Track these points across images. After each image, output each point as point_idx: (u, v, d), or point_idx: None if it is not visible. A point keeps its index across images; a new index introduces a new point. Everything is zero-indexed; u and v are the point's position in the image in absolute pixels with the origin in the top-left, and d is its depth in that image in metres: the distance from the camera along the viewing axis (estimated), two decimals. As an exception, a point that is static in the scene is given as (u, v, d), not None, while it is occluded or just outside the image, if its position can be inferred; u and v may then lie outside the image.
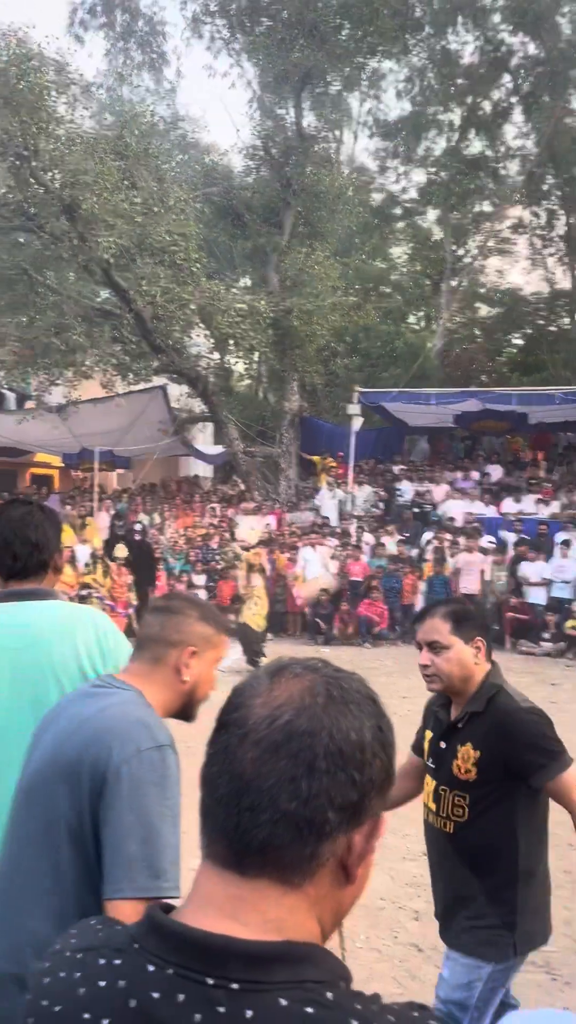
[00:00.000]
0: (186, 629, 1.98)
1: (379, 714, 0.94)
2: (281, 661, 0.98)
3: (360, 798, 0.89)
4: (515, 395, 18.50)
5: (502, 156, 27.31)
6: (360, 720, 0.91)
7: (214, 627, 2.04)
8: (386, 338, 25.36)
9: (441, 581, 14.32)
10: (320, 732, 0.88)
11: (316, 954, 0.86)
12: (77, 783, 1.68)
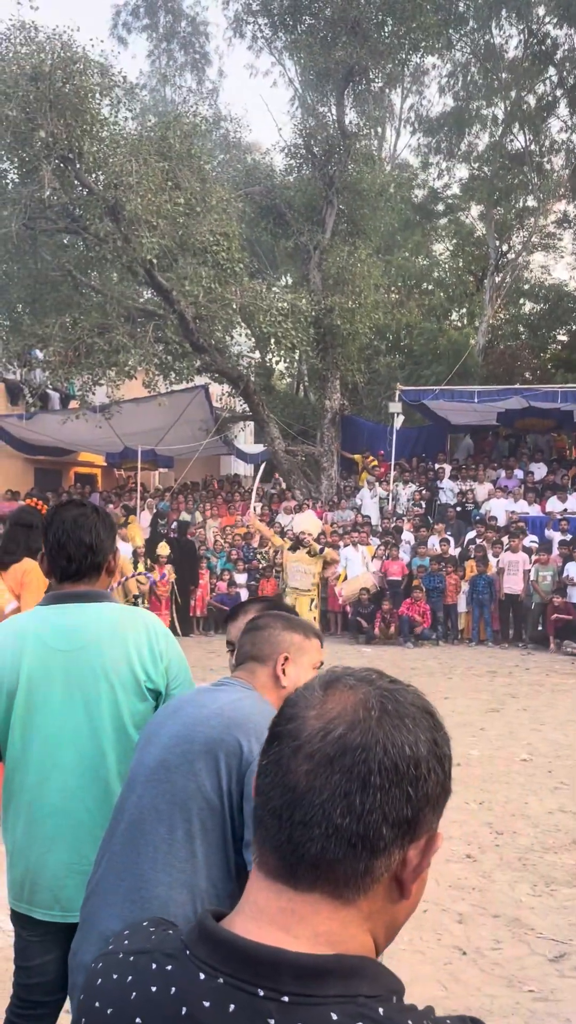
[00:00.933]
0: (275, 639, 2.13)
1: (435, 727, 0.93)
2: (335, 672, 0.97)
3: (415, 814, 0.88)
4: (560, 392, 18.26)
5: (546, 150, 26.96)
6: (415, 734, 0.90)
7: (302, 633, 2.16)
8: (428, 335, 25.19)
9: (485, 581, 14.20)
10: (374, 747, 0.87)
11: (369, 968, 0.85)
12: (215, 762, 1.84)
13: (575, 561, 14.10)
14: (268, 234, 20.28)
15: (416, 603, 13.99)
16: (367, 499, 18.35)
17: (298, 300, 16.97)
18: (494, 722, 8.67)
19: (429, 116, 28.45)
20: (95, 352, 15.41)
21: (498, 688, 10.53)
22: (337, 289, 18.34)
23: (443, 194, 29.84)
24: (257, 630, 2.16)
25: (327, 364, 19.48)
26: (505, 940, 4.34)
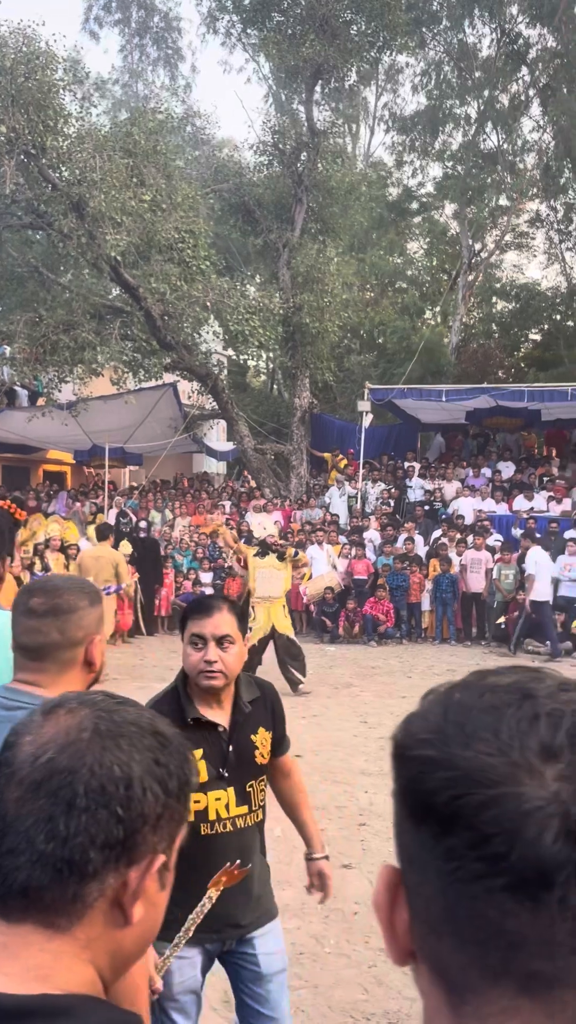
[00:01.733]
0: (86, 622, 1.92)
1: (160, 747, 0.91)
2: (63, 697, 0.96)
3: (129, 835, 0.86)
4: (527, 391, 18.34)
5: (519, 150, 27.08)
6: (129, 754, 0.88)
7: (100, 602, 2.00)
8: (402, 334, 25.27)
9: (448, 580, 14.24)
10: (81, 768, 0.85)
11: (79, 1007, 0.80)
12: None
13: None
14: (237, 231, 20.23)
15: (380, 602, 14.01)
16: (336, 498, 18.36)
17: (266, 298, 16.94)
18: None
19: (403, 114, 28.51)
20: (60, 349, 15.32)
21: (456, 687, 10.55)
22: (306, 287, 18.33)
23: (417, 192, 29.93)
24: (61, 612, 1.91)
25: (296, 362, 19.47)
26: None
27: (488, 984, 0.56)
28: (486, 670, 0.67)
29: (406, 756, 0.62)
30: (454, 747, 0.59)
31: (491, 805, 0.56)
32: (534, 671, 0.66)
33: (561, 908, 0.54)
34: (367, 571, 14.86)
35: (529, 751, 0.57)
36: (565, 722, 0.59)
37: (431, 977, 0.61)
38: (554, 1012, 0.55)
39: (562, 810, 0.55)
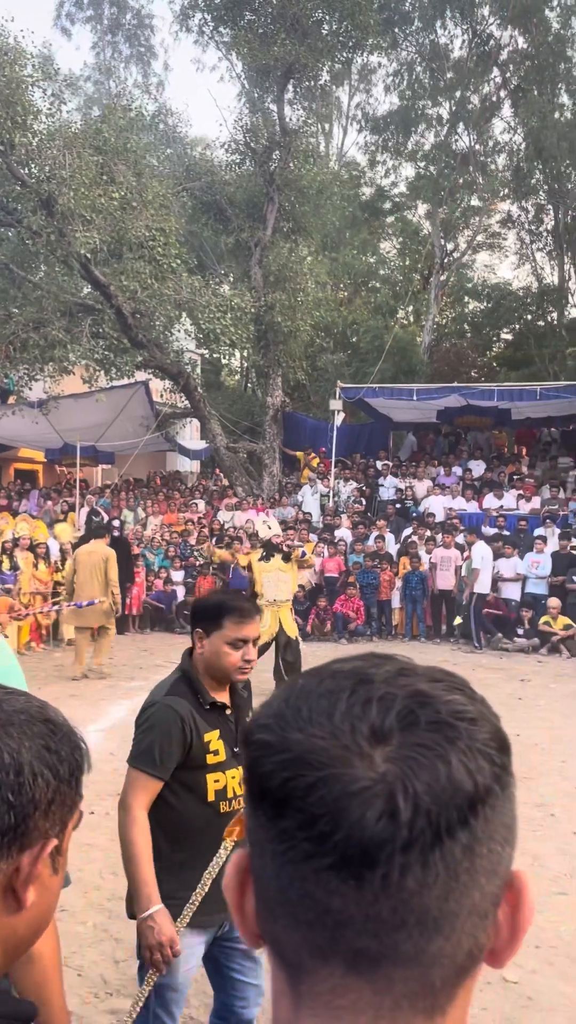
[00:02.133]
0: None
1: (51, 733, 0.93)
2: None
3: (20, 820, 0.88)
4: (497, 391, 18.50)
5: (490, 151, 27.25)
6: (18, 741, 0.90)
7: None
8: (375, 333, 25.35)
9: (418, 577, 14.33)
10: None
11: None
12: None
13: (505, 557, 14.30)
14: (209, 230, 20.21)
15: (350, 600, 14.07)
16: (308, 496, 18.41)
17: (237, 297, 16.94)
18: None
19: (376, 115, 28.61)
20: (31, 347, 15.24)
21: (424, 684, 10.61)
22: (278, 286, 18.34)
23: (390, 192, 30.03)
24: None
25: (269, 361, 19.49)
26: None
27: (319, 963, 0.58)
28: (340, 657, 0.69)
29: (248, 741, 0.63)
30: (289, 731, 0.60)
31: (319, 786, 0.57)
32: (382, 658, 0.67)
33: (384, 886, 0.55)
34: (339, 569, 14.92)
35: (359, 734, 0.58)
36: (396, 705, 0.60)
37: (274, 958, 0.62)
38: (381, 989, 0.57)
39: (387, 790, 0.56)
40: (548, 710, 9.31)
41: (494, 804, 0.58)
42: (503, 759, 0.61)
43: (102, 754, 7.46)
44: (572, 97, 25.91)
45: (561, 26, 25.22)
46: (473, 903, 0.57)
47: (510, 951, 0.62)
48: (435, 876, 0.55)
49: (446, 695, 0.61)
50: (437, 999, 0.57)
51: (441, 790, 0.56)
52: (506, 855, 0.60)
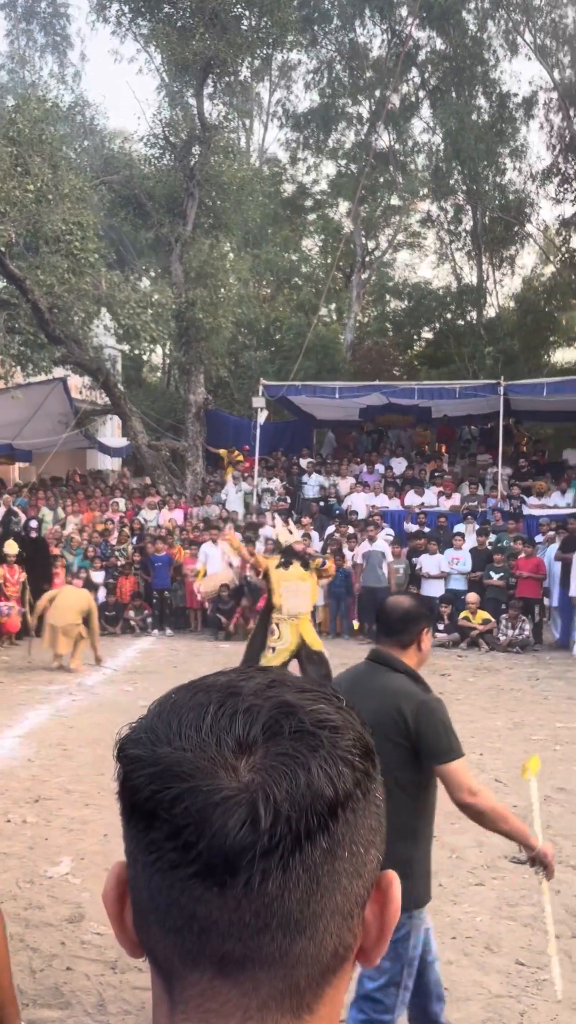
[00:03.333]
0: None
1: None
2: None
3: None
4: (417, 389, 18.76)
5: (410, 150, 27.61)
6: None
7: None
8: (298, 330, 25.42)
9: (341, 575, 14.40)
10: None
11: None
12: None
13: (429, 553, 14.50)
14: (128, 224, 19.94)
15: (274, 597, 14.05)
16: (232, 494, 18.34)
17: (158, 292, 16.77)
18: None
19: (296, 111, 28.68)
20: (-58, 342, 14.80)
21: (347, 680, 10.68)
22: (199, 282, 18.22)
23: (311, 190, 30.16)
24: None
25: (191, 358, 19.35)
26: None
27: (189, 968, 0.59)
28: (219, 671, 0.69)
29: (119, 756, 0.64)
30: (159, 745, 0.61)
31: (184, 798, 0.58)
32: (259, 671, 0.68)
33: (246, 891, 0.57)
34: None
35: (225, 746, 0.60)
36: (262, 717, 0.61)
37: (151, 966, 0.64)
38: (248, 991, 0.58)
39: (249, 799, 0.57)
40: (467, 704, 9.48)
41: (356, 808, 0.61)
42: (366, 765, 0.63)
43: (19, 760, 7.29)
44: (489, 100, 26.46)
45: (478, 29, 25.71)
46: (336, 904, 0.60)
47: (379, 949, 0.65)
48: (296, 880, 0.57)
49: (311, 705, 0.63)
50: (304, 998, 0.60)
51: (301, 797, 0.58)
52: (371, 857, 0.63)
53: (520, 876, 4.96)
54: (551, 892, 4.74)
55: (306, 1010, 0.60)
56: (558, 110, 26.16)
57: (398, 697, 2.77)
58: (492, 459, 18.30)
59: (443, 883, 4.85)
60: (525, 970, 3.98)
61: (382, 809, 0.65)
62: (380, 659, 2.91)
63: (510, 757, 7.35)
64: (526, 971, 3.97)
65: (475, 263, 28.64)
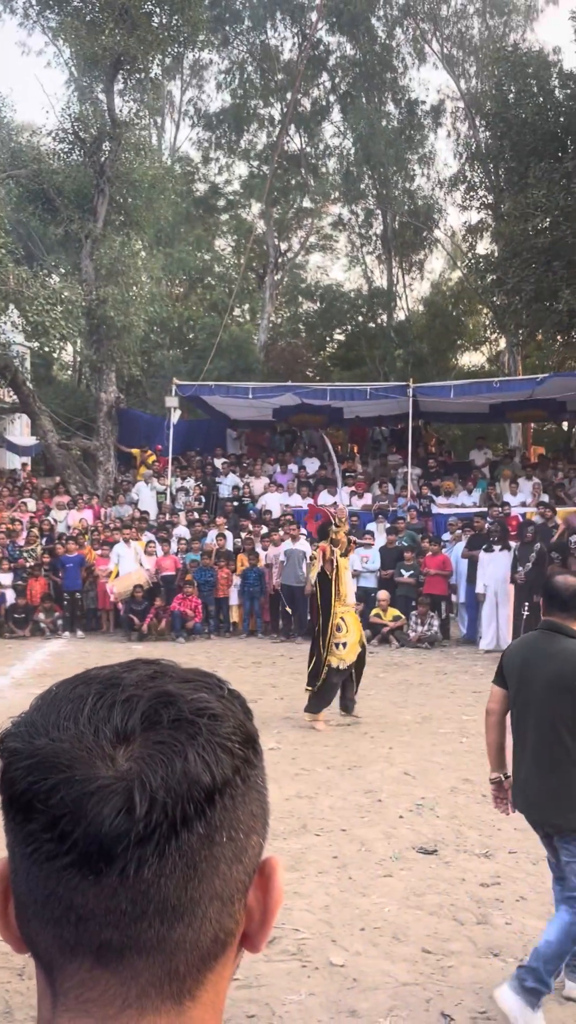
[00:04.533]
0: None
1: None
2: None
3: None
4: (329, 390, 18.95)
5: (321, 154, 27.86)
6: None
7: None
8: (211, 330, 25.36)
9: (255, 574, 14.45)
10: None
11: None
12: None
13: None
14: (37, 219, 19.53)
15: (187, 598, 14.01)
16: (144, 493, 18.16)
17: (67, 289, 16.48)
18: (250, 713, 8.82)
19: (208, 111, 28.61)
20: None
21: (260, 679, 10.76)
22: (110, 280, 17.99)
23: (224, 190, 30.13)
24: None
25: (102, 356, 19.08)
26: (220, 931, 4.38)
27: (68, 959, 0.59)
28: (106, 665, 0.70)
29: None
30: (37, 737, 0.61)
31: (60, 788, 0.58)
32: (143, 663, 0.69)
33: (122, 879, 0.57)
34: (175, 567, 14.83)
35: (103, 736, 0.60)
36: (141, 706, 0.62)
37: (34, 960, 0.63)
38: (127, 978, 0.59)
39: (125, 788, 0.58)
40: (377, 699, 9.64)
41: (235, 795, 0.62)
42: (246, 752, 0.64)
43: None
44: (398, 107, 26.93)
45: (387, 36, 26.13)
46: (215, 890, 0.60)
47: (263, 934, 0.65)
48: (173, 866, 0.58)
49: (192, 694, 0.64)
50: (184, 984, 0.60)
51: (177, 784, 0.58)
52: (253, 843, 0.63)
53: (427, 866, 5.09)
54: (457, 881, 4.90)
55: (187, 996, 0.60)
56: (464, 119, 26.82)
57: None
58: (402, 459, 18.63)
59: (352, 876, 4.94)
60: (431, 957, 4.08)
61: (265, 796, 0.66)
62: (555, 628, 3.57)
63: (419, 751, 7.52)
64: (432, 959, 4.07)
65: (385, 267, 29.12)
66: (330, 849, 5.34)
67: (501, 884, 4.84)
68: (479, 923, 4.41)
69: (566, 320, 18.27)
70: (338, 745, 7.69)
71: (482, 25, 26.21)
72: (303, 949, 4.21)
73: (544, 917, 4.45)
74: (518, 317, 20.12)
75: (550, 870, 3.74)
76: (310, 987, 3.84)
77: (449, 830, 5.66)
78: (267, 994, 3.80)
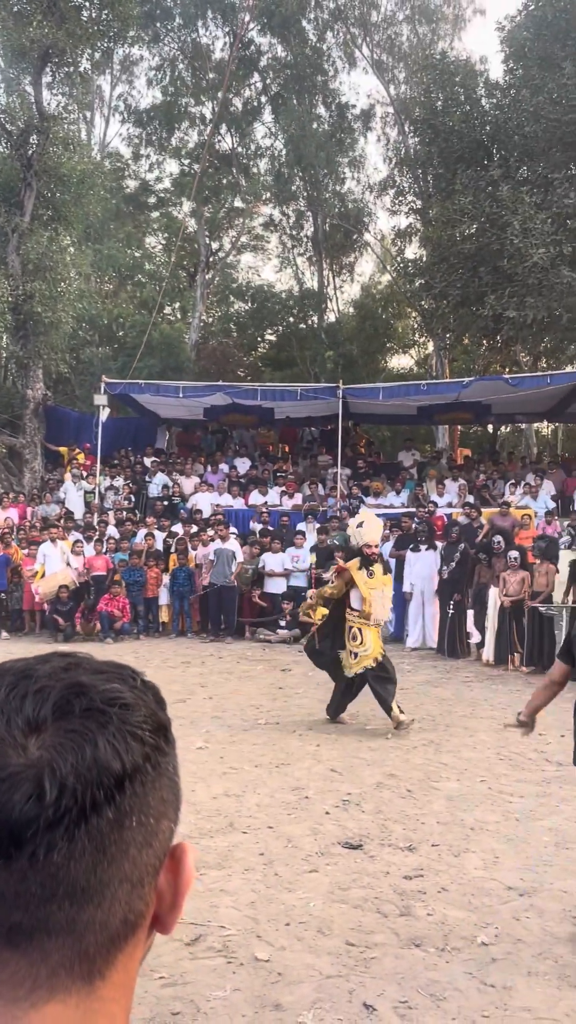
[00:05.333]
0: None
1: None
2: None
3: None
4: (260, 390, 18.99)
5: (252, 154, 27.86)
6: None
7: None
8: (141, 328, 25.14)
9: (185, 573, 14.41)
10: None
11: None
12: None
13: (271, 552, 14.73)
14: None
15: (115, 598, 13.88)
16: (72, 492, 17.93)
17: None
18: (179, 712, 8.81)
19: (139, 107, 28.36)
20: None
21: (190, 678, 10.74)
22: (37, 275, 17.70)
23: (155, 187, 29.90)
24: None
25: (28, 352, 18.75)
26: (145, 931, 4.37)
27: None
28: (19, 657, 0.71)
29: None
30: None
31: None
32: (59, 655, 0.71)
33: (32, 863, 0.58)
34: (106, 567, 14.67)
35: (15, 726, 0.62)
36: (53, 697, 0.64)
37: None
38: (36, 960, 0.60)
39: (35, 774, 0.59)
40: (306, 697, 9.72)
41: (144, 781, 0.63)
42: (157, 740, 0.66)
43: None
44: (328, 109, 27.13)
45: (317, 39, 26.30)
46: (124, 873, 0.62)
47: (173, 916, 0.68)
48: (82, 850, 0.59)
49: (103, 685, 0.66)
50: (95, 965, 0.61)
51: (87, 770, 0.60)
52: (163, 828, 0.65)
53: (353, 861, 5.17)
54: (381, 874, 4.98)
55: (98, 976, 0.62)
56: (394, 124, 27.16)
57: None
58: (332, 460, 18.79)
59: (279, 872, 4.98)
60: (355, 950, 4.15)
61: (176, 782, 0.68)
62: None
63: (346, 747, 7.61)
64: (355, 951, 4.14)
65: (316, 269, 29.29)
66: (257, 846, 5.38)
67: (424, 876, 4.94)
68: (402, 915, 4.50)
69: (491, 325, 18.67)
70: (266, 743, 7.74)
71: (411, 32, 26.58)
72: (228, 946, 4.24)
73: (465, 907, 4.57)
74: (445, 321, 20.50)
75: None
76: (235, 983, 3.87)
77: (374, 825, 5.75)
78: (192, 991, 3.81)
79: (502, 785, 6.64)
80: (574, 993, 3.76)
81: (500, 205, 17.46)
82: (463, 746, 7.76)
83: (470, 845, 5.40)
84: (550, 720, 8.54)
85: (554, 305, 17.27)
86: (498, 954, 4.08)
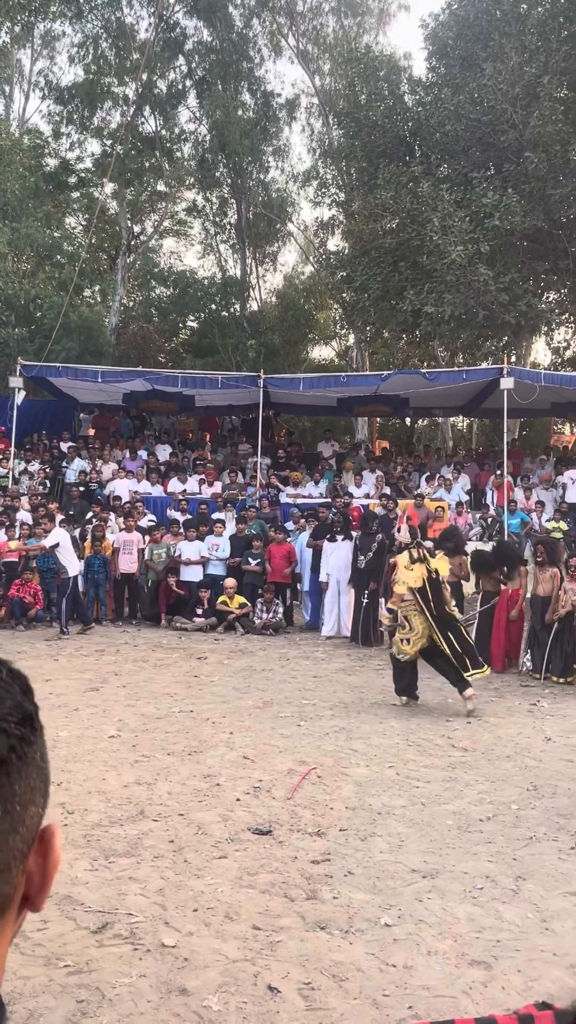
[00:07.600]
0: None
1: None
2: None
3: None
4: (180, 377, 18.86)
5: (176, 138, 27.55)
6: None
7: None
8: (59, 310, 24.62)
9: (100, 560, 14.24)
10: None
11: None
12: None
13: (188, 540, 14.68)
14: None
15: (27, 584, 13.63)
16: (-15, 477, 17.49)
17: None
18: (91, 701, 8.74)
19: (60, 84, 27.68)
20: None
21: (103, 667, 10.64)
22: (-48, 253, 17.16)
23: (75, 167, 29.27)
24: None
25: None
26: (52, 919, 4.35)
27: None
28: None
29: None
30: None
31: None
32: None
33: None
34: (19, 553, 14.37)
35: None
36: None
37: None
38: None
39: None
40: (221, 685, 9.74)
41: (10, 771, 0.66)
42: (23, 731, 0.69)
43: None
44: (253, 97, 27.01)
45: (244, 26, 26.14)
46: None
47: (43, 895, 0.71)
48: None
49: None
50: None
51: None
52: (31, 814, 0.69)
53: (262, 847, 5.23)
54: (289, 859, 5.06)
55: None
56: (319, 115, 27.23)
57: None
58: (252, 449, 18.82)
59: (188, 859, 5.01)
60: (261, 934, 4.21)
61: (44, 771, 0.71)
62: None
63: (258, 735, 7.67)
64: (262, 935, 4.20)
65: (239, 257, 29.19)
66: (167, 833, 5.40)
67: (331, 860, 5.04)
68: (308, 899, 4.58)
69: (410, 319, 18.96)
70: (179, 731, 7.74)
71: (337, 24, 26.67)
72: (135, 933, 4.25)
73: (369, 890, 4.69)
74: (366, 314, 20.72)
75: None
76: (141, 969, 3.88)
77: (284, 811, 5.83)
78: (97, 978, 3.81)
79: (409, 771, 6.80)
80: (472, 971, 3.90)
81: (420, 201, 17.71)
82: (373, 732, 7.91)
83: (377, 829, 5.53)
84: (458, 708, 8.81)
85: (471, 302, 17.63)
86: (400, 935, 4.20)
